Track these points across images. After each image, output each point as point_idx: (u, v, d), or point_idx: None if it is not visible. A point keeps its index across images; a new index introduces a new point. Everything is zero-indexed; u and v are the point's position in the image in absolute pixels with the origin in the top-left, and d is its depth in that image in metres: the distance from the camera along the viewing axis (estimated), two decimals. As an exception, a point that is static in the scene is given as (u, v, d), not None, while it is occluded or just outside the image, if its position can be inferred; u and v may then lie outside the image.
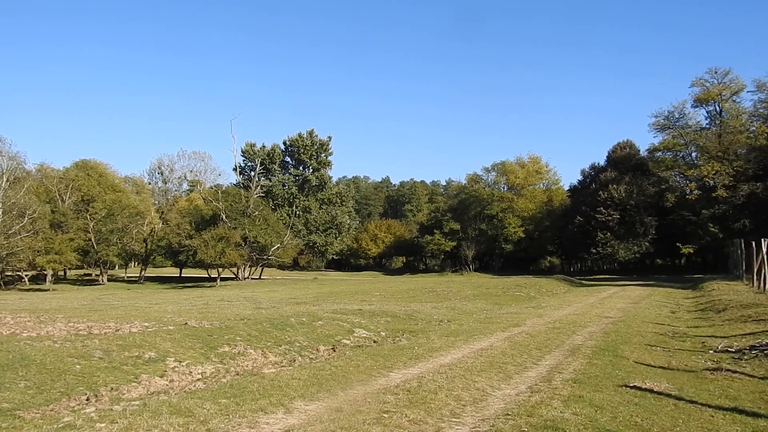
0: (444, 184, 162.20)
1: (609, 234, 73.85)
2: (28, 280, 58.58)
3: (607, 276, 70.22)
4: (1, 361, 9.29)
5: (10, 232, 52.21)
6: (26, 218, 53.55)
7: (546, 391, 8.65)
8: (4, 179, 54.14)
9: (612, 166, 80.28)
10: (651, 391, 8.73)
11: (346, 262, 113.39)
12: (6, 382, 8.38)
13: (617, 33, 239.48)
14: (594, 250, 75.87)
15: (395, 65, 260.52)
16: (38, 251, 54.30)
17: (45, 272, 60.44)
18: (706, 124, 74.30)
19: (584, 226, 75.19)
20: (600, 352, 12.21)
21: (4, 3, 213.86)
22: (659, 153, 75.90)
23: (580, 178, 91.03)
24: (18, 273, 57.76)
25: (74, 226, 60.94)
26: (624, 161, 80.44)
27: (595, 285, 47.52)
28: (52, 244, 56.10)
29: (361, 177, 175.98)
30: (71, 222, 61.27)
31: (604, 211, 73.75)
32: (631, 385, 9.09)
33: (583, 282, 53.34)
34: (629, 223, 73.77)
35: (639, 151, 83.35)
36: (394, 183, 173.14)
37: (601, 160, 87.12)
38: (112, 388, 8.94)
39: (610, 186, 74.86)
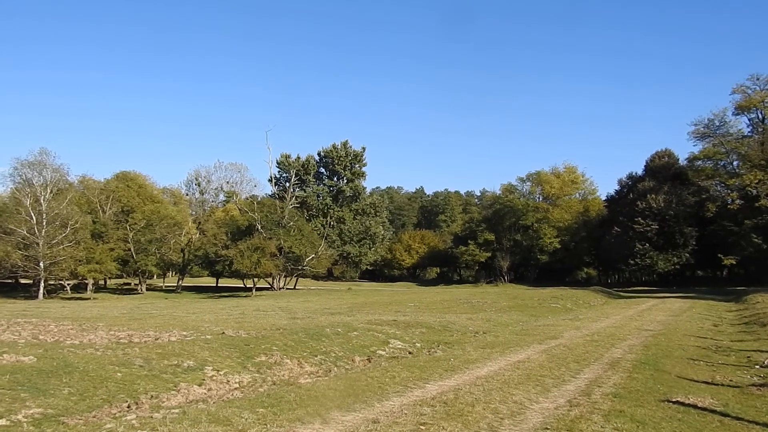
0: (478, 194, 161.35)
1: (647, 245, 72.37)
2: (70, 289, 59.97)
3: (645, 288, 68.87)
4: (46, 368, 9.53)
5: (53, 242, 53.62)
6: (68, 228, 54.91)
7: (585, 405, 8.50)
8: (48, 190, 55.64)
9: (650, 176, 78.81)
10: (695, 406, 8.51)
11: (380, 273, 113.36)
12: (51, 389, 8.58)
13: (655, 41, 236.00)
14: (632, 261, 74.38)
15: (429, 75, 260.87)
16: (80, 261, 55.62)
17: (86, 281, 61.80)
18: (748, 131, 72.53)
19: (622, 236, 73.84)
20: (640, 366, 11.96)
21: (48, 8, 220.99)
22: (699, 162, 74.32)
23: (617, 187, 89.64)
24: (60, 282, 59.18)
25: (114, 236, 62.25)
26: (662, 170, 78.93)
27: (634, 297, 46.65)
28: (93, 254, 57.40)
29: (395, 187, 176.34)
30: (111, 232, 62.61)
31: (642, 221, 72.35)
32: (673, 400, 8.88)
33: (621, 294, 52.41)
34: (668, 233, 72.22)
35: (678, 159, 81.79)
36: (428, 193, 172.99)
37: (639, 170, 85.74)
38: (152, 396, 9.08)
39: (648, 196, 73.45)
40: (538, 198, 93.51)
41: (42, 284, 54.75)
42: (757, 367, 12.12)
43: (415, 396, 9.20)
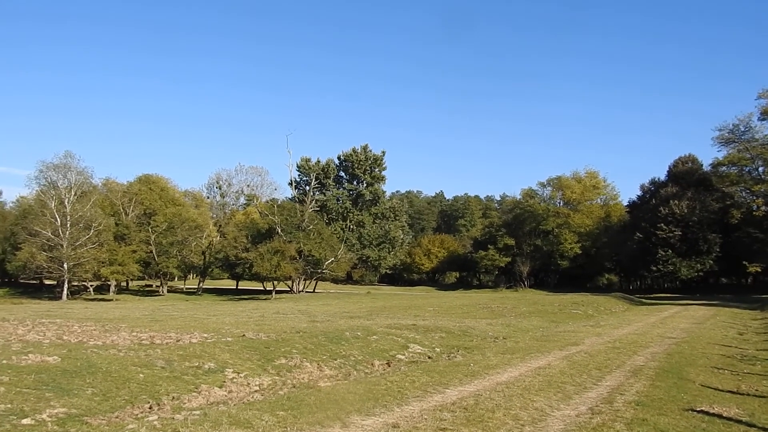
0: (498, 198, 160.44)
1: (670, 251, 71.45)
2: (93, 290, 60.75)
3: (668, 295, 67.93)
4: (70, 368, 9.65)
5: (77, 243, 54.38)
6: (92, 230, 55.68)
7: (607, 413, 8.41)
8: (72, 193, 56.48)
9: (673, 181, 77.86)
10: (720, 416, 8.37)
11: (399, 277, 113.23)
12: (74, 389, 8.69)
13: (681, 49, 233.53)
14: (654, 268, 73.46)
15: (448, 82, 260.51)
16: (103, 262, 56.36)
17: (109, 283, 62.61)
18: (775, 137, 71.18)
19: (644, 242, 72.98)
20: (664, 374, 11.80)
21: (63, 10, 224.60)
22: (723, 167, 73.18)
23: (639, 193, 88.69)
24: (83, 283, 59.98)
25: (136, 239, 62.96)
26: (686, 176, 77.95)
27: (656, 304, 46.07)
28: (115, 256, 58.12)
29: (415, 191, 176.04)
30: (134, 234, 63.34)
31: (665, 227, 71.46)
32: (698, 409, 8.74)
33: (643, 300, 51.80)
34: (692, 240, 71.24)
35: (702, 165, 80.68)
36: (447, 198, 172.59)
37: (662, 175, 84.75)
38: (173, 397, 9.15)
39: (671, 202, 72.57)
40: (559, 203, 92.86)
41: (66, 285, 55.54)
42: (784, 376, 11.89)
43: (435, 401, 9.17)
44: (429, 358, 14.76)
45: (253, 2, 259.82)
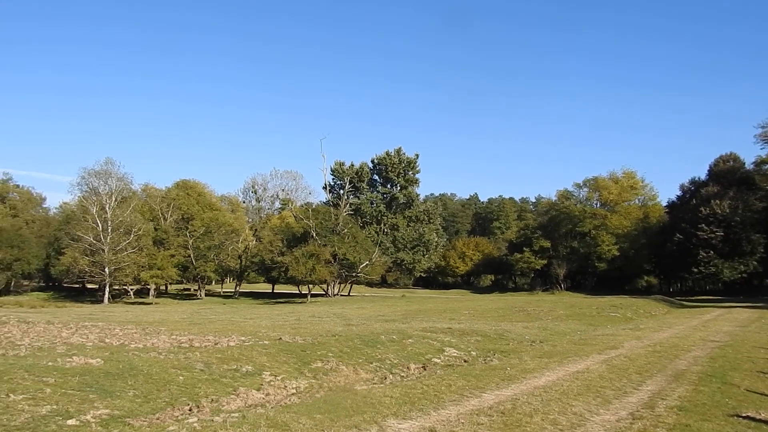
0: (533, 200, 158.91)
1: (712, 252, 69.75)
2: (133, 294, 62.04)
3: (710, 297, 66.33)
4: (113, 370, 9.87)
5: (117, 248, 55.65)
6: (132, 235, 56.93)
7: (649, 418, 8.24)
8: (113, 199, 57.84)
9: (714, 181, 76.03)
10: (767, 422, 8.13)
11: (434, 280, 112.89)
12: (117, 390, 8.89)
13: (722, 50, 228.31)
14: (695, 270, 71.80)
15: (486, 84, 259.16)
16: (142, 266, 57.60)
17: (148, 286, 63.90)
18: (820, 134, 69.02)
19: (684, 244, 71.42)
20: (707, 379, 11.52)
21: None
22: (767, 166, 71.25)
23: (679, 193, 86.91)
24: (124, 287, 61.31)
25: (175, 243, 64.15)
26: (727, 175, 76.05)
27: (698, 306, 45.03)
28: (155, 260, 59.34)
29: (449, 194, 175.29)
30: (172, 239, 64.54)
31: (706, 228, 69.82)
32: (743, 415, 8.51)
33: (684, 303, 50.68)
34: (734, 240, 69.43)
35: (744, 163, 78.71)
36: (482, 200, 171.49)
37: (702, 174, 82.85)
38: (212, 400, 9.28)
39: (712, 201, 70.86)
40: (596, 204, 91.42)
41: (107, 289, 56.84)
42: (834, 381, 11.49)
43: (472, 405, 9.11)
44: (465, 361, 14.68)
45: (285, 6, 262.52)
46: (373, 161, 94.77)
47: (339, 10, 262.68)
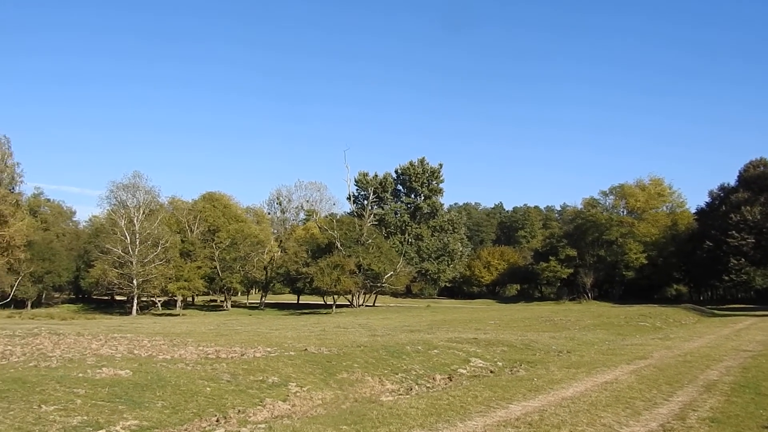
0: (558, 209, 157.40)
1: (743, 260, 68.35)
2: (161, 306, 62.79)
3: (742, 305, 64.98)
4: (141, 382, 9.99)
5: (145, 260, 56.46)
6: (159, 247, 57.73)
7: (680, 430, 8.10)
8: (141, 212, 58.76)
9: (744, 187, 74.57)
10: (802, 434, 7.94)
11: (459, 290, 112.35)
12: (145, 401, 8.99)
13: (744, 62, 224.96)
14: (726, 278, 70.42)
15: (509, 91, 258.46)
16: (170, 278, 58.31)
17: (175, 298, 64.63)
18: None
19: (714, 251, 70.09)
20: (740, 389, 11.28)
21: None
22: (799, 171, 69.84)
23: (708, 200, 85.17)
24: (152, 298, 62.11)
25: (201, 255, 64.86)
26: (758, 180, 74.50)
27: (729, 315, 44.16)
28: (182, 272, 60.05)
29: (473, 204, 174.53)
30: (199, 251, 65.26)
31: (736, 234, 68.45)
32: (778, 426, 8.32)
33: (715, 312, 49.74)
34: (766, 247, 67.94)
35: (775, 168, 77.01)
36: (506, 209, 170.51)
37: (732, 181, 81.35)
38: (239, 411, 9.35)
39: (742, 208, 69.48)
40: (623, 212, 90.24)
41: (135, 301, 57.63)
42: None
43: (499, 416, 9.03)
44: (491, 372, 14.58)
45: (306, 16, 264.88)
46: (396, 171, 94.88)
47: (363, 20, 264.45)
